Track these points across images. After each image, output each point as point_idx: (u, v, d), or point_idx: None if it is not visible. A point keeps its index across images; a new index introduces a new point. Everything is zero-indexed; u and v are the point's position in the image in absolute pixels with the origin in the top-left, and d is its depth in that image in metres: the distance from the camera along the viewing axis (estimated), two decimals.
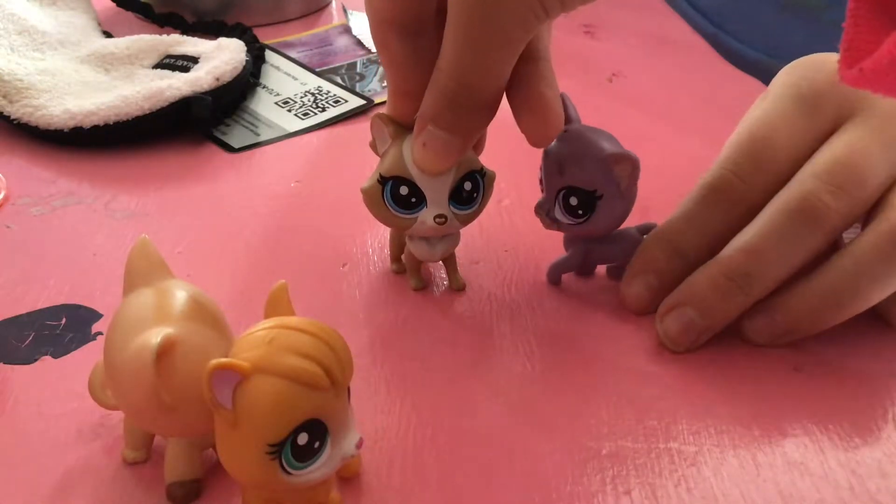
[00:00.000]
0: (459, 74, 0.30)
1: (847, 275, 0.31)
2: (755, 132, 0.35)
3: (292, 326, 0.23)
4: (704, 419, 0.29)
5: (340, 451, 0.24)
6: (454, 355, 0.33)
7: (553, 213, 0.34)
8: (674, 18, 0.64)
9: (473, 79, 0.30)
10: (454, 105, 0.30)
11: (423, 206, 0.33)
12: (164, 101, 0.47)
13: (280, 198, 0.43)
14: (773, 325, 0.32)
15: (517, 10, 0.28)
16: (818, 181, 0.32)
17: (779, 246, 0.32)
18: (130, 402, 0.26)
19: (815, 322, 0.32)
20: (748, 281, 0.32)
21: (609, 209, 0.33)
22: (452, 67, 0.30)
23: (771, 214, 0.32)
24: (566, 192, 0.33)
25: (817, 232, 0.32)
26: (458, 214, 0.33)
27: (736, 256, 0.32)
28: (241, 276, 0.37)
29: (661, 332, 0.33)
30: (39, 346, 0.33)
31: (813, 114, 0.34)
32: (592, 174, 0.33)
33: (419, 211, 0.33)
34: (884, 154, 0.33)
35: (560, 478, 0.27)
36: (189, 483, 0.26)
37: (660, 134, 0.47)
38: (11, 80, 0.49)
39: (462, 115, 0.31)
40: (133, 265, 0.26)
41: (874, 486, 0.27)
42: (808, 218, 0.32)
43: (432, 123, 0.31)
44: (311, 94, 0.53)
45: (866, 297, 0.31)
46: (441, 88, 0.30)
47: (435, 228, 0.33)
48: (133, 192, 0.44)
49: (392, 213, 0.33)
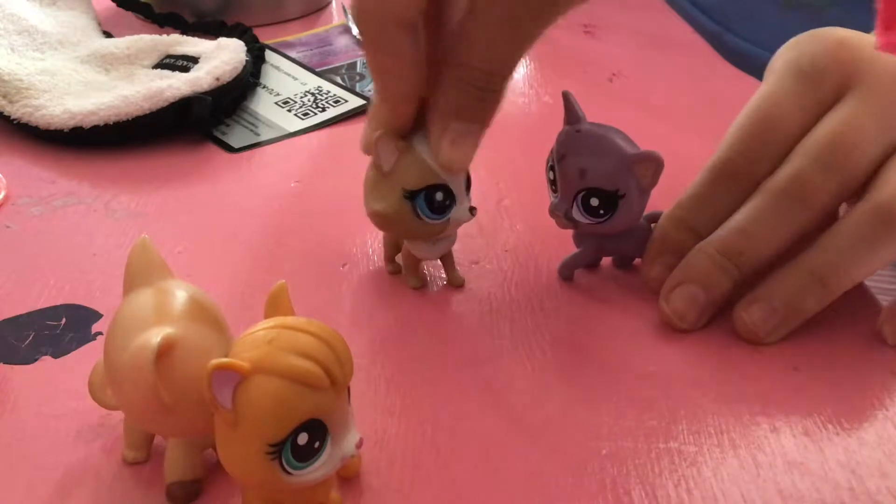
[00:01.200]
0: (491, 68, 0.31)
1: (829, 254, 0.32)
2: (759, 111, 0.35)
3: (292, 326, 0.23)
4: (704, 419, 0.29)
5: (340, 451, 0.24)
6: (454, 355, 0.33)
7: (571, 213, 0.34)
8: (674, 18, 0.64)
9: (505, 71, 0.31)
10: (479, 95, 0.31)
11: (454, 205, 0.33)
12: (164, 101, 0.47)
13: (280, 198, 0.43)
14: (771, 314, 0.32)
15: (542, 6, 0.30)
16: (808, 160, 0.33)
17: (769, 225, 0.33)
18: (130, 402, 0.26)
19: (804, 303, 0.32)
20: (740, 258, 0.33)
21: (629, 207, 0.33)
22: (486, 62, 0.31)
23: (762, 195, 0.33)
24: (586, 194, 0.33)
25: (806, 210, 0.33)
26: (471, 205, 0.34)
27: (730, 235, 0.33)
28: (241, 276, 0.37)
29: (669, 310, 0.33)
30: (39, 346, 0.33)
31: (815, 87, 0.35)
32: (615, 175, 0.33)
33: (450, 211, 0.33)
34: (878, 129, 0.33)
35: (560, 478, 0.27)
36: (189, 483, 0.26)
37: (660, 134, 0.47)
38: (11, 80, 0.49)
39: (485, 103, 0.31)
40: (133, 265, 0.26)
41: (874, 486, 0.27)
42: (796, 197, 0.33)
43: (456, 119, 0.31)
44: (311, 94, 0.53)
45: (850, 275, 0.32)
46: (473, 82, 0.31)
47: (461, 223, 0.33)
48: (133, 192, 0.44)
49: (425, 223, 0.33)
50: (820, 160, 0.33)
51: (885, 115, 0.33)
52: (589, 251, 0.36)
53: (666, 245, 0.35)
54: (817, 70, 0.35)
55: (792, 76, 0.35)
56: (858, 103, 0.34)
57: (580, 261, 0.36)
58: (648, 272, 0.35)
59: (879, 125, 0.33)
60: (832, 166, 0.33)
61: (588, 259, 0.36)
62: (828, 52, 0.35)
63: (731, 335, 0.33)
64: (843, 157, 0.33)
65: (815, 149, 0.33)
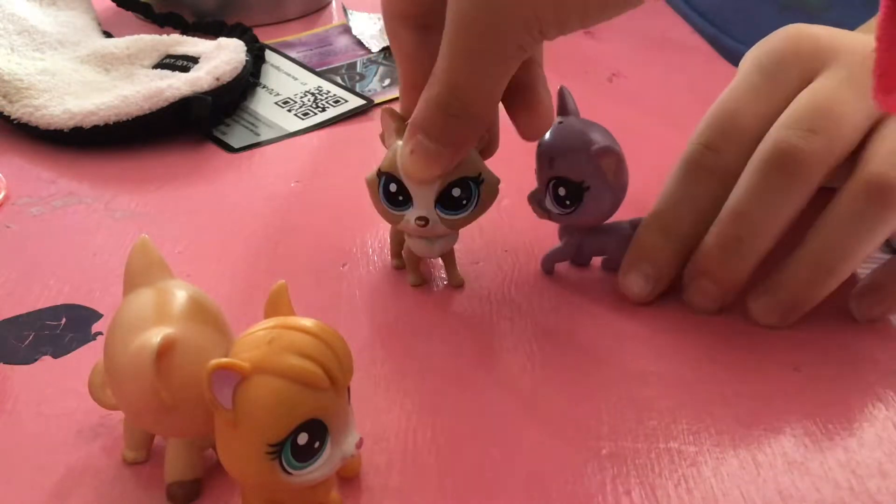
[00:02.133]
0: (452, 85, 0.30)
1: (830, 239, 0.32)
2: (721, 106, 0.35)
3: (292, 326, 0.23)
4: (704, 419, 0.29)
5: (340, 451, 0.24)
6: (454, 355, 0.33)
7: (544, 203, 0.34)
8: (674, 19, 0.64)
9: (466, 91, 0.30)
10: (445, 115, 0.30)
11: (409, 205, 0.33)
12: (164, 101, 0.47)
13: (280, 198, 0.43)
14: (778, 305, 0.33)
15: (514, 28, 0.28)
16: (787, 129, 0.32)
17: (762, 203, 0.32)
18: (130, 402, 0.26)
19: (813, 292, 0.32)
20: (739, 245, 0.32)
21: (596, 201, 0.34)
22: (446, 77, 0.30)
23: (749, 173, 0.33)
24: (555, 183, 0.34)
25: (797, 179, 0.32)
26: (445, 219, 0.33)
27: (725, 224, 0.33)
28: (241, 276, 0.37)
29: (687, 301, 0.34)
30: (39, 346, 0.33)
31: (776, 78, 0.35)
32: (580, 166, 0.33)
33: (406, 209, 0.33)
34: (855, 96, 0.33)
35: (560, 478, 0.27)
36: (189, 483, 0.26)
37: (660, 134, 0.47)
38: (11, 80, 0.49)
39: (452, 126, 0.30)
40: (133, 265, 0.26)
41: (874, 486, 0.27)
42: (783, 166, 0.32)
43: (422, 132, 0.31)
44: (311, 94, 0.53)
45: (855, 256, 0.32)
46: (433, 97, 0.30)
47: (417, 230, 0.33)
48: (133, 192, 0.44)
49: (385, 207, 0.33)
50: (801, 127, 0.32)
51: (860, 84, 0.33)
52: (570, 246, 0.36)
53: (641, 253, 0.34)
54: (778, 62, 0.35)
55: (753, 72, 0.35)
56: (832, 79, 0.33)
57: (561, 255, 0.37)
58: (623, 281, 0.35)
59: (856, 92, 0.33)
60: (814, 130, 0.32)
61: (568, 254, 0.36)
62: (788, 45, 0.35)
63: (732, 335, 0.33)
64: (824, 121, 0.32)
65: (793, 118, 0.33)
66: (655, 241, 0.34)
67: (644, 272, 0.34)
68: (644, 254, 0.34)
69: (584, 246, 0.36)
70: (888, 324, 0.34)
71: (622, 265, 0.35)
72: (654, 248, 0.34)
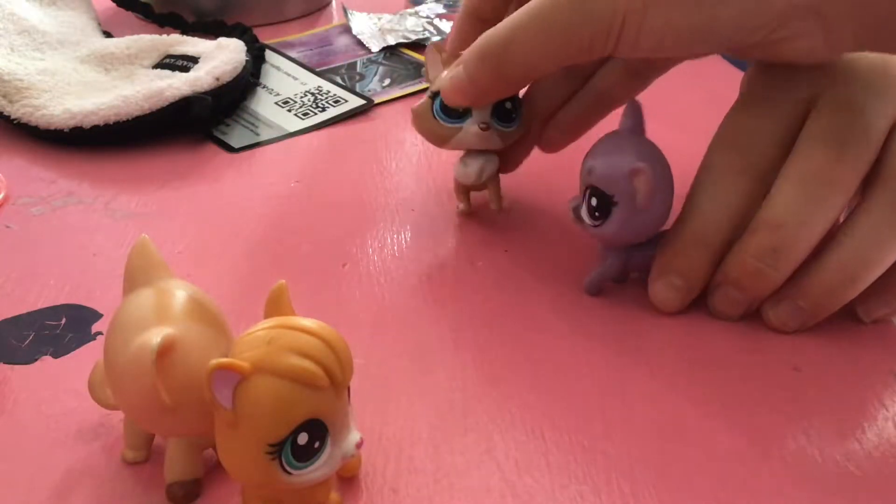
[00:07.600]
0: (509, 39, 0.32)
1: (856, 248, 0.32)
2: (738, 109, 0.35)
3: (292, 326, 0.23)
4: (705, 419, 0.29)
5: (340, 451, 0.24)
6: (454, 355, 0.33)
7: (580, 210, 0.34)
8: None
9: (511, 53, 0.33)
10: (484, 62, 0.33)
11: (468, 116, 0.36)
12: (164, 101, 0.47)
13: (280, 198, 0.43)
14: (798, 312, 0.33)
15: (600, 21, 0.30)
16: (820, 143, 0.32)
17: (799, 215, 0.32)
18: (130, 402, 0.26)
19: (835, 300, 0.32)
20: (776, 257, 0.32)
21: (623, 219, 0.32)
22: (510, 27, 0.32)
23: (784, 184, 0.32)
24: (591, 192, 0.33)
25: (835, 193, 0.32)
26: (499, 130, 0.36)
27: (760, 235, 0.32)
28: (241, 276, 0.37)
29: (711, 307, 0.34)
30: (39, 346, 0.33)
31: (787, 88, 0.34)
32: (611, 179, 0.32)
33: (463, 121, 0.36)
34: (877, 103, 0.32)
35: (560, 478, 0.27)
36: (189, 483, 0.26)
37: (660, 134, 0.47)
38: (11, 80, 0.49)
39: (485, 73, 0.34)
40: (133, 265, 0.26)
41: (874, 486, 0.27)
42: (822, 181, 0.31)
43: (463, 65, 0.34)
44: (311, 94, 0.53)
45: (881, 264, 0.32)
46: (484, 44, 0.33)
47: (479, 135, 0.36)
48: (133, 192, 0.44)
49: (439, 124, 0.36)
50: (835, 140, 0.32)
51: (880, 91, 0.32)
52: (616, 264, 0.35)
53: (668, 263, 0.34)
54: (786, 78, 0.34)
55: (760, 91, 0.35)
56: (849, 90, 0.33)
57: (607, 274, 0.35)
58: (651, 291, 0.34)
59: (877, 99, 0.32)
60: (846, 144, 0.31)
61: (615, 272, 0.35)
62: None
63: (732, 335, 0.33)
64: (853, 136, 0.32)
65: (823, 133, 0.32)
66: (687, 250, 0.33)
67: (671, 283, 0.34)
68: (674, 264, 0.34)
69: (630, 262, 0.35)
70: (889, 324, 0.34)
71: (651, 273, 0.34)
72: (685, 257, 0.33)
